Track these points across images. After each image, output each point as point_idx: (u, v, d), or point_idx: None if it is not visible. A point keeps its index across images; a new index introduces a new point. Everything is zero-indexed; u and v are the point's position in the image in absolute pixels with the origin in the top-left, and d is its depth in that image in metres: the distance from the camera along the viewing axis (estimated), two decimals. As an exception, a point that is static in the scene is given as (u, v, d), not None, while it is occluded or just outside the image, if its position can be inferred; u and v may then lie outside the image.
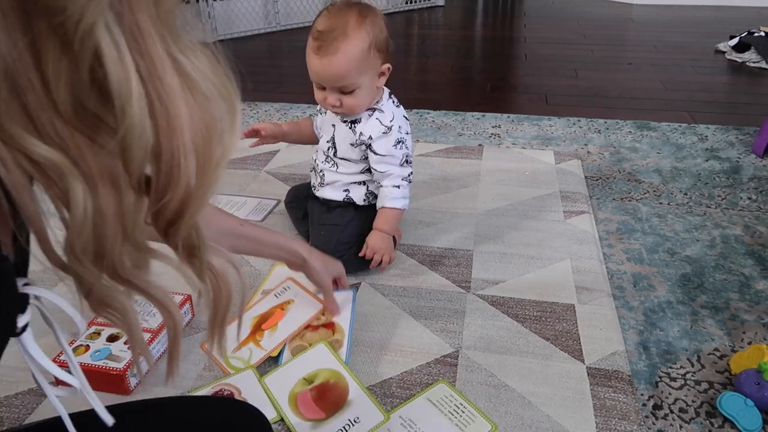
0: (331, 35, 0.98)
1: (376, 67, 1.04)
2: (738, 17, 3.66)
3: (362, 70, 1.01)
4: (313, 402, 0.84)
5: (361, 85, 1.02)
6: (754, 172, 1.57)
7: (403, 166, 1.11)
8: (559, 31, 3.38)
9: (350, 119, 1.11)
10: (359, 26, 0.99)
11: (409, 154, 1.12)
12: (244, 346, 0.95)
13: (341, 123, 1.12)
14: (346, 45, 0.98)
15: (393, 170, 1.11)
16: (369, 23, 1.00)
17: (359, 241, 1.13)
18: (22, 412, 0.84)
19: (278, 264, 1.13)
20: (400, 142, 1.10)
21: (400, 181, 1.11)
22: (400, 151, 1.10)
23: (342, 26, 0.98)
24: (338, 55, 0.98)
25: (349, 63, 0.99)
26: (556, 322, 1.01)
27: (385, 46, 1.03)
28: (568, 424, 0.82)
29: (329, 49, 0.98)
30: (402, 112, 1.13)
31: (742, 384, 0.85)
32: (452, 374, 0.90)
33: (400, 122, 1.11)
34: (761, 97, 2.22)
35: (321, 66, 1.00)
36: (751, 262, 1.19)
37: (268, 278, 1.11)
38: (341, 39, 0.98)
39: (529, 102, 2.17)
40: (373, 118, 1.09)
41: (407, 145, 1.11)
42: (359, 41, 0.98)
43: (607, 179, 1.54)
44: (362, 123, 1.10)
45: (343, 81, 1.01)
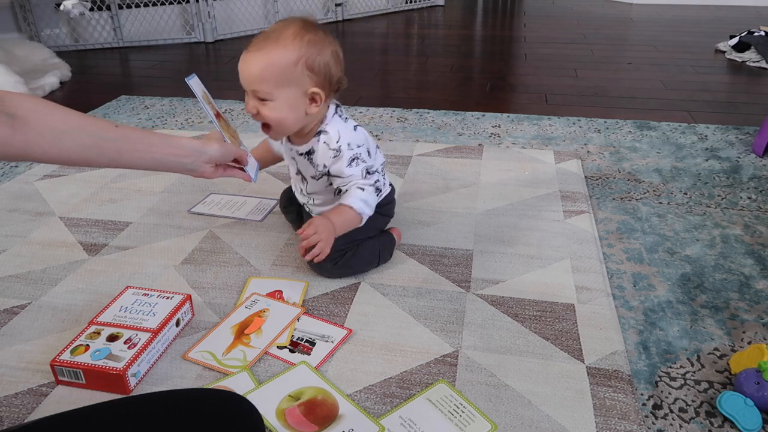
0: (264, 37, 0.95)
1: (302, 86, 0.96)
2: (738, 17, 3.65)
3: (281, 82, 0.95)
4: (303, 416, 0.83)
5: (277, 99, 0.95)
6: (754, 171, 1.57)
7: (365, 179, 1.05)
8: (559, 30, 3.38)
9: (305, 150, 1.06)
10: (294, 38, 0.94)
11: (369, 166, 1.05)
12: (234, 349, 0.95)
13: (299, 156, 1.08)
14: (273, 49, 0.94)
15: (354, 181, 1.05)
16: (307, 40, 0.95)
17: (355, 245, 1.12)
18: (22, 412, 0.84)
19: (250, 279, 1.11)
20: (353, 160, 1.03)
21: (366, 186, 1.04)
22: (355, 168, 1.03)
23: (278, 33, 0.95)
24: (260, 54, 0.94)
25: (268, 67, 0.94)
26: (556, 322, 1.01)
27: (322, 70, 0.97)
28: (568, 423, 0.82)
29: (255, 48, 0.95)
30: (349, 126, 1.05)
31: (741, 384, 0.85)
32: (452, 374, 0.90)
33: (349, 138, 1.03)
34: (761, 97, 2.22)
35: (242, 63, 0.95)
36: (751, 261, 1.19)
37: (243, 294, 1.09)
38: (271, 43, 0.94)
39: (529, 102, 2.17)
40: (321, 143, 1.03)
41: (364, 158, 1.04)
42: (287, 51, 0.94)
43: (606, 179, 1.54)
44: (316, 153, 1.04)
45: (256, 84, 0.95)
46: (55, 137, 0.70)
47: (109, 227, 1.32)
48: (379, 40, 3.27)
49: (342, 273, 1.12)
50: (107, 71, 2.67)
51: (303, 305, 1.05)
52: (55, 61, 2.57)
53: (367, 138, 1.09)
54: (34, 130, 0.68)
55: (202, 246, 1.24)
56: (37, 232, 1.31)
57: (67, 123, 0.72)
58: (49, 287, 1.12)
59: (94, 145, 0.75)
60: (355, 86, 2.37)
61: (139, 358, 0.88)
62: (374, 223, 1.14)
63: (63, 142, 0.71)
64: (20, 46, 2.59)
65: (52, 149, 0.70)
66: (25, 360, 0.94)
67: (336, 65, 1.01)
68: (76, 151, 0.73)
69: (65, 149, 0.72)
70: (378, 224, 1.18)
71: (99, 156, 0.77)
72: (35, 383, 0.89)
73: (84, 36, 3.00)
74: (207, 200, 1.43)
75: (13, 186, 1.52)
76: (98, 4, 2.93)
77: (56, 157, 0.72)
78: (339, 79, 1.02)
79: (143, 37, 3.05)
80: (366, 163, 1.05)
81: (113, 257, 1.21)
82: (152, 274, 1.15)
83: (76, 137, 0.72)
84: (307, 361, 0.92)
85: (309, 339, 0.97)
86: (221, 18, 3.14)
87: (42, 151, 0.69)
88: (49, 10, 2.89)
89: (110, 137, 0.78)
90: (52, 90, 2.33)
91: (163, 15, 3.05)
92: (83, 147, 0.74)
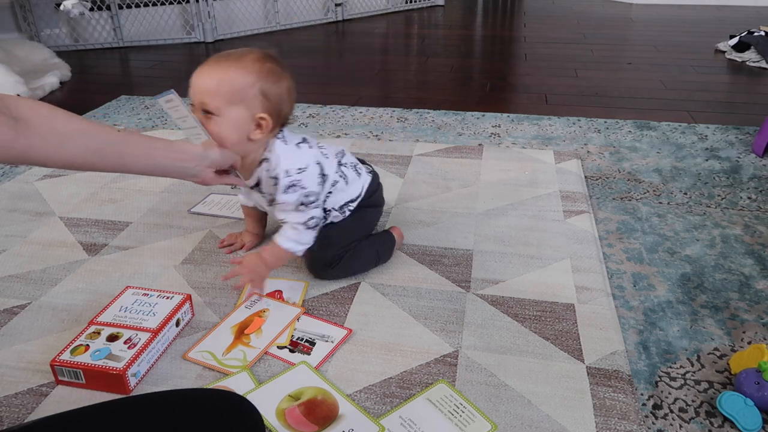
0: (225, 55, 0.95)
1: (252, 109, 0.95)
2: (738, 17, 3.66)
3: (233, 99, 0.93)
4: (303, 416, 0.83)
5: (224, 115, 0.93)
6: (754, 171, 1.57)
7: (300, 211, 1.02)
8: (559, 30, 3.38)
9: (253, 183, 1.04)
10: (255, 62, 0.94)
11: (308, 194, 1.01)
12: (234, 349, 0.95)
13: (251, 190, 1.07)
14: (232, 66, 0.93)
15: (288, 217, 1.03)
16: (268, 68, 0.95)
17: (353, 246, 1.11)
18: (22, 412, 0.84)
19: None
20: (290, 187, 0.99)
21: (298, 225, 1.03)
22: (291, 195, 1.00)
23: (239, 55, 0.95)
24: (218, 68, 0.93)
25: (223, 82, 0.92)
26: (556, 322, 1.01)
27: (275, 99, 0.96)
28: (568, 423, 0.82)
29: (214, 62, 0.94)
30: (290, 147, 1.02)
31: (741, 384, 0.85)
32: (452, 374, 0.90)
33: (287, 164, 0.99)
34: (761, 97, 2.22)
35: (198, 74, 0.94)
36: (751, 261, 1.19)
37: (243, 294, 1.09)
38: (232, 60, 0.94)
39: (529, 101, 2.17)
40: (264, 170, 1.02)
41: (303, 184, 1.00)
42: (246, 72, 0.93)
43: (606, 179, 1.54)
44: (262, 182, 1.03)
45: (207, 97, 0.93)
46: (58, 141, 0.70)
47: (109, 227, 1.32)
48: (379, 40, 3.27)
49: (341, 275, 1.12)
50: (107, 71, 2.67)
51: (303, 305, 1.05)
52: (55, 61, 2.57)
53: (315, 155, 1.05)
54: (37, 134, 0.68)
55: (202, 246, 1.24)
56: (37, 232, 1.31)
57: (70, 127, 0.72)
58: (49, 287, 1.12)
59: (97, 149, 0.75)
60: (355, 86, 2.37)
61: (139, 358, 0.88)
62: (365, 218, 1.14)
63: (66, 146, 0.71)
64: (20, 46, 2.59)
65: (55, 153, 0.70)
66: (25, 360, 0.94)
67: (288, 101, 1.00)
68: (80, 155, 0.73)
69: (69, 153, 0.72)
70: (369, 218, 1.17)
71: (102, 160, 0.77)
72: (35, 383, 0.89)
73: (84, 36, 3.00)
74: (207, 200, 1.43)
75: (13, 186, 1.52)
76: (98, 4, 2.94)
77: (59, 161, 0.72)
78: (287, 114, 1.01)
79: (143, 37, 3.05)
80: (305, 189, 1.00)
81: (113, 257, 1.21)
82: (152, 274, 1.15)
83: (79, 141, 0.72)
84: (307, 361, 0.92)
85: (309, 339, 0.97)
86: (221, 18, 3.14)
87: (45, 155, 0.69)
88: (49, 10, 2.89)
89: (113, 141, 0.77)
90: (52, 90, 2.33)
91: (163, 15, 3.05)
92: (87, 151, 0.74)
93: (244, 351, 0.94)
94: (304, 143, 1.05)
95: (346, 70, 2.62)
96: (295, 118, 1.98)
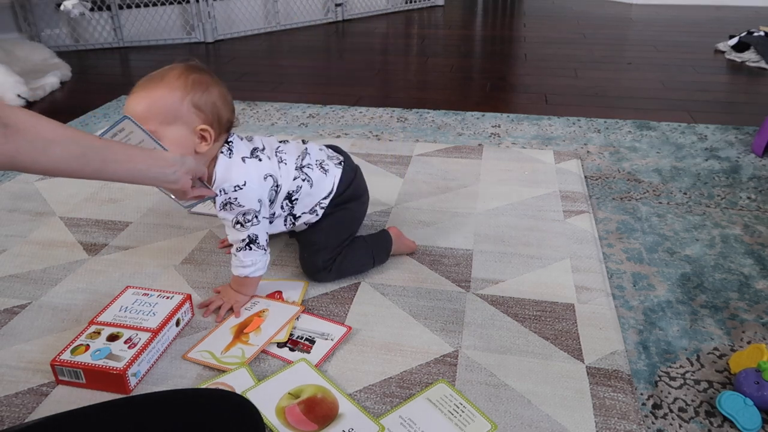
0: (147, 79, 0.94)
1: (189, 123, 0.93)
2: (738, 17, 3.66)
3: (167, 119, 0.92)
4: (302, 415, 0.83)
5: (164, 138, 0.92)
6: (754, 171, 1.58)
7: (237, 230, 1.00)
8: (558, 30, 3.38)
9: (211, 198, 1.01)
10: (178, 78, 0.94)
11: (245, 212, 0.98)
12: (233, 347, 0.95)
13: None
14: (156, 88, 0.93)
15: (230, 235, 1.01)
16: (192, 80, 0.94)
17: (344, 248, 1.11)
18: (22, 412, 0.84)
19: None
20: (226, 204, 0.98)
21: (236, 249, 1.01)
22: (228, 213, 0.99)
23: (162, 74, 0.94)
24: (143, 93, 0.93)
25: (152, 106, 0.92)
26: (556, 322, 1.01)
27: (209, 108, 0.95)
28: (568, 423, 0.82)
29: (139, 87, 0.93)
30: (231, 164, 0.99)
31: (741, 383, 0.85)
32: (452, 374, 0.90)
33: (224, 182, 0.97)
34: (761, 97, 2.22)
35: (127, 104, 0.93)
36: (751, 261, 1.19)
37: None
38: (154, 83, 0.93)
39: (529, 101, 2.17)
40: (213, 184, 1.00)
41: (241, 202, 0.98)
42: (171, 90, 0.93)
43: (606, 179, 1.54)
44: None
45: (142, 124, 0.91)
46: (44, 146, 0.73)
47: (109, 227, 1.32)
48: (379, 40, 3.27)
49: (336, 278, 1.11)
50: (107, 71, 2.67)
51: (302, 305, 1.05)
52: (56, 61, 2.57)
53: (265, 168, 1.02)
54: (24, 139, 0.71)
55: (202, 246, 1.24)
56: (37, 232, 1.31)
57: (56, 133, 0.75)
58: (49, 287, 1.12)
59: (81, 155, 0.77)
60: (355, 86, 2.37)
61: (139, 357, 0.88)
62: (348, 216, 1.13)
63: (51, 151, 0.74)
64: (20, 46, 2.59)
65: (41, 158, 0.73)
66: (25, 360, 0.94)
67: (224, 105, 0.98)
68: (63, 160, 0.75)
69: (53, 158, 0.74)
70: (351, 214, 1.15)
71: (85, 165, 0.78)
72: (35, 383, 0.89)
73: (84, 36, 3.00)
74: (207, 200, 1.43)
75: (13, 186, 1.52)
76: (98, 4, 2.94)
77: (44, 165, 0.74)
78: (229, 119, 1.00)
79: (143, 37, 3.05)
80: (242, 207, 0.98)
81: (113, 257, 1.21)
82: (152, 274, 1.15)
83: (64, 146, 0.75)
84: (306, 358, 0.92)
85: (309, 337, 0.97)
86: (221, 18, 3.14)
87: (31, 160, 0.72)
88: (49, 10, 2.89)
89: (95, 146, 0.80)
90: (53, 90, 2.33)
91: (163, 15, 3.05)
92: (71, 156, 0.76)
93: (243, 348, 0.94)
94: (252, 157, 1.01)
95: (346, 70, 2.62)
96: (295, 117, 1.98)
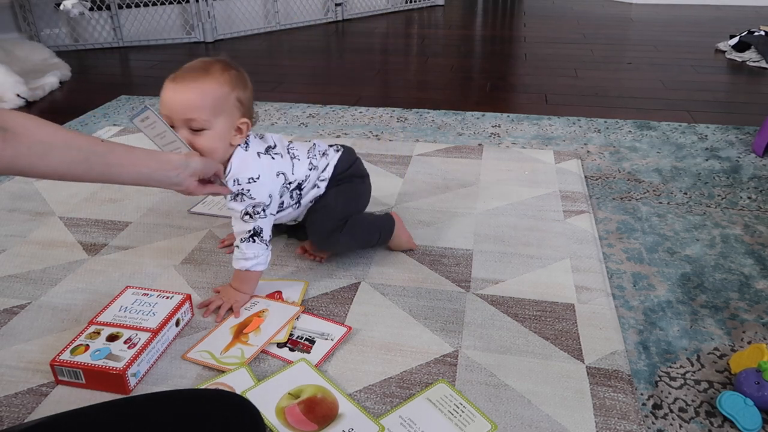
0: (191, 69, 0.94)
1: (232, 117, 0.96)
2: (738, 17, 3.66)
3: (218, 110, 0.93)
4: (302, 415, 0.83)
5: (213, 128, 0.94)
6: (754, 171, 1.58)
7: (245, 221, 1.01)
8: (558, 30, 3.38)
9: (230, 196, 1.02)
10: (223, 72, 0.95)
11: (255, 204, 1.00)
12: (233, 347, 0.95)
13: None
14: (205, 80, 0.93)
15: (235, 226, 1.03)
16: (234, 75, 0.96)
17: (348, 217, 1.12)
18: (22, 412, 0.84)
19: None
20: (238, 195, 0.99)
21: (239, 241, 1.02)
22: (239, 204, 1.00)
23: (205, 66, 0.94)
24: (194, 84, 0.92)
25: (205, 94, 0.92)
26: (556, 322, 1.01)
27: (248, 104, 0.99)
28: (568, 423, 0.82)
29: (186, 78, 0.93)
30: (246, 156, 1.00)
31: (741, 383, 0.85)
32: (452, 374, 0.90)
33: (238, 173, 0.99)
34: (761, 97, 2.22)
35: (172, 91, 0.92)
36: (751, 261, 1.19)
37: None
38: (201, 74, 0.93)
39: (529, 101, 2.17)
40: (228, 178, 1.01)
41: (252, 194, 0.99)
42: (220, 82, 0.94)
43: (606, 179, 1.54)
44: None
45: (194, 113, 0.92)
46: (43, 151, 0.72)
47: (109, 227, 1.32)
48: (379, 40, 3.27)
49: (349, 241, 1.12)
50: (107, 71, 2.67)
51: (302, 305, 1.05)
52: (55, 61, 2.57)
53: (277, 166, 1.04)
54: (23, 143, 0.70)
55: (202, 246, 1.24)
56: (37, 232, 1.31)
57: (56, 137, 0.74)
58: (49, 287, 1.12)
59: (83, 160, 0.77)
60: (355, 86, 2.37)
61: (139, 357, 0.88)
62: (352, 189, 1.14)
63: (51, 155, 0.73)
64: (20, 46, 2.59)
65: (40, 162, 0.72)
66: (25, 360, 0.94)
67: (252, 99, 1.01)
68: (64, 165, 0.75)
69: (53, 163, 0.74)
70: (356, 188, 1.16)
71: (88, 170, 0.78)
72: (35, 383, 0.89)
73: (84, 36, 3.00)
74: (207, 200, 1.43)
75: (13, 186, 1.52)
76: (98, 4, 2.93)
77: (43, 170, 0.74)
78: (254, 115, 1.03)
79: (143, 37, 3.05)
80: (253, 200, 1.00)
81: (113, 257, 1.21)
82: (152, 274, 1.15)
83: (65, 152, 0.74)
84: (306, 358, 0.92)
85: (308, 337, 0.97)
86: (221, 18, 3.13)
87: (29, 164, 0.71)
88: (49, 10, 2.89)
89: (98, 151, 0.79)
90: (52, 90, 2.33)
91: (163, 15, 3.05)
92: (72, 161, 0.76)
93: (242, 348, 0.94)
94: (266, 154, 1.03)
95: (346, 70, 2.62)
96: (295, 117, 1.98)
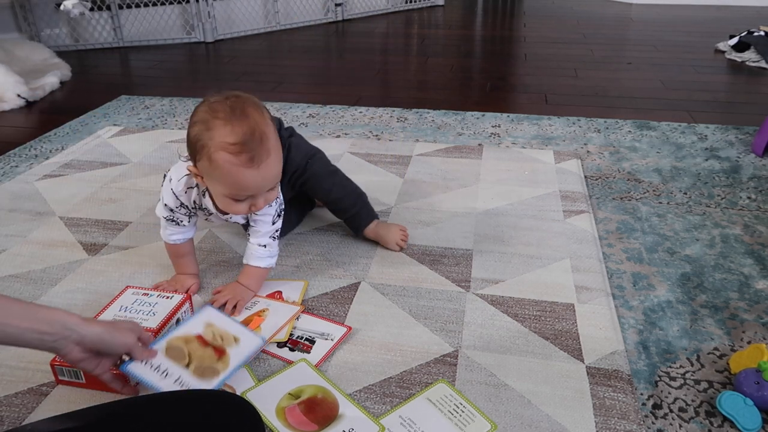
0: (253, 140, 0.86)
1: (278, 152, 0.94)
2: (738, 17, 3.66)
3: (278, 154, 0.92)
4: (303, 415, 0.83)
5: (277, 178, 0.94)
6: (754, 171, 1.58)
7: (274, 223, 1.05)
8: (558, 30, 3.38)
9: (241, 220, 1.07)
10: (262, 115, 0.89)
11: (281, 203, 1.04)
12: None
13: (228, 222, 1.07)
14: (269, 142, 0.88)
15: (263, 228, 1.04)
16: (263, 108, 0.91)
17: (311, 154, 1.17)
18: (22, 412, 0.84)
19: None
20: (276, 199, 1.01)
21: (267, 240, 1.04)
22: (271, 208, 1.02)
23: (254, 125, 0.87)
24: (271, 156, 0.88)
25: (278, 157, 0.91)
26: (556, 322, 1.01)
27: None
28: (568, 423, 0.82)
29: (261, 155, 0.87)
30: None
31: (741, 383, 0.85)
32: (452, 374, 0.90)
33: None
34: (761, 97, 2.22)
35: (259, 176, 0.88)
36: (751, 261, 1.19)
37: None
38: (264, 139, 0.87)
39: (529, 101, 2.17)
40: None
41: (279, 195, 1.02)
42: (272, 130, 0.90)
43: (606, 179, 1.54)
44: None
45: (278, 178, 0.92)
46: None
47: (109, 227, 1.32)
48: (379, 40, 3.27)
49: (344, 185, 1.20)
50: (107, 71, 2.67)
51: (302, 304, 1.05)
52: (55, 61, 2.57)
53: None
54: None
55: (202, 246, 1.24)
56: (37, 232, 1.31)
57: None
58: (49, 287, 1.12)
59: None
60: (355, 86, 2.37)
61: (139, 357, 0.88)
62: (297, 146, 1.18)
63: None
64: (20, 46, 2.59)
65: None
66: (25, 360, 0.94)
67: None
68: None
69: None
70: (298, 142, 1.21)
71: None
72: (35, 383, 0.89)
73: (84, 36, 3.00)
74: (207, 200, 1.43)
75: (13, 186, 1.52)
76: (98, 4, 2.93)
77: None
78: None
79: (143, 37, 3.05)
80: (279, 198, 1.03)
81: (113, 257, 1.21)
82: (152, 274, 1.15)
83: None
84: (307, 358, 0.92)
85: (309, 337, 0.97)
86: (221, 18, 3.13)
87: None
88: (49, 10, 2.89)
89: None
90: (53, 90, 2.33)
91: (163, 15, 3.05)
92: None
93: None
94: None
95: (346, 70, 2.62)
96: (295, 117, 1.98)
